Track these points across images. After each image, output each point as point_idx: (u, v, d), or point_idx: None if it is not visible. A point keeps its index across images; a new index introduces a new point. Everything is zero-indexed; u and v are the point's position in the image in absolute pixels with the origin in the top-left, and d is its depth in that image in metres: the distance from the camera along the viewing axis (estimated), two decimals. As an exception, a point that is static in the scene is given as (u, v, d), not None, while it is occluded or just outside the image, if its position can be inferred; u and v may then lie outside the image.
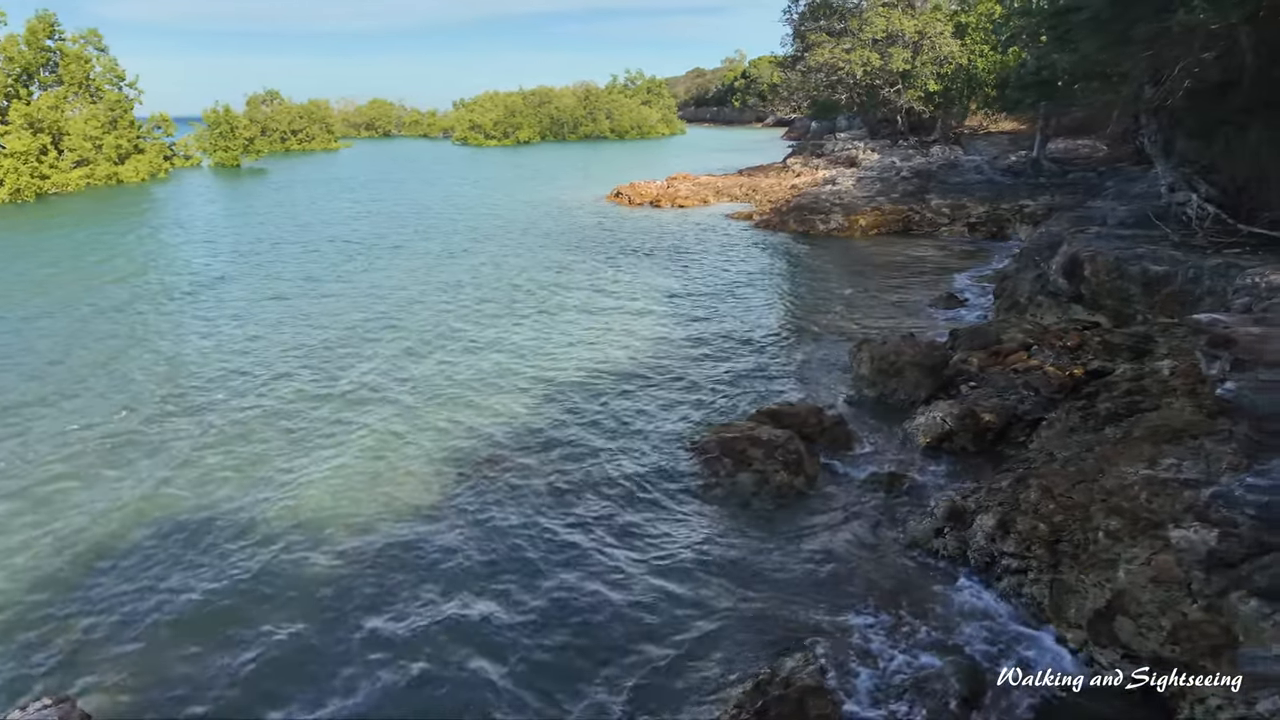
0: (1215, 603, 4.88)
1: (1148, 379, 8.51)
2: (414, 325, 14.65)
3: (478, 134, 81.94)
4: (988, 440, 9.05)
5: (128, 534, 7.57)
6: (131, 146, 41.80)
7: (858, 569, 6.85)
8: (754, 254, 21.16)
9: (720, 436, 9.12)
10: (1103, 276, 11.04)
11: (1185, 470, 6.04)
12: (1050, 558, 6.08)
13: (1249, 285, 8.29)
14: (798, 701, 4.88)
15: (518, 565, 7.01)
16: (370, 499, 8.20)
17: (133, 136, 42.13)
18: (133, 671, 5.72)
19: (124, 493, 8.36)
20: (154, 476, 8.71)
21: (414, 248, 22.69)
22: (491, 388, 11.39)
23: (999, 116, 36.07)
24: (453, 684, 5.56)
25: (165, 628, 6.21)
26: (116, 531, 7.60)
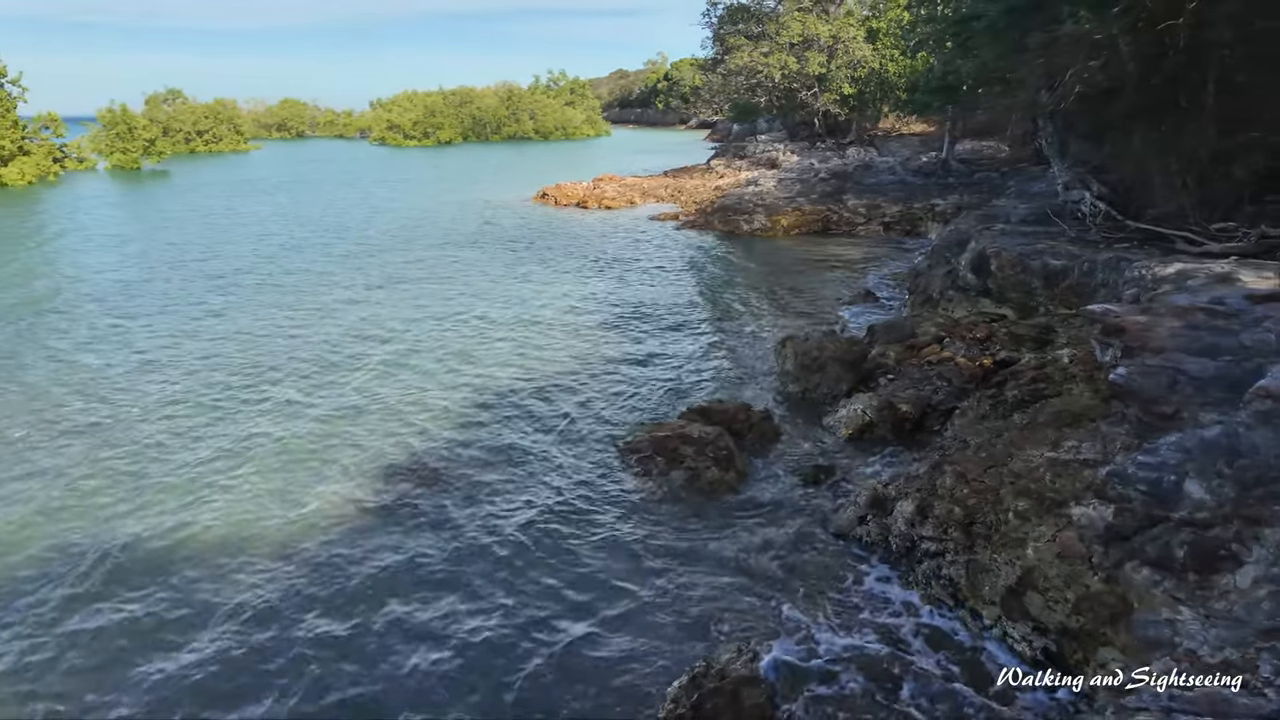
0: (1113, 574, 5.23)
1: (1050, 367, 9.05)
2: (330, 334, 14.18)
3: (396, 134, 79.90)
4: (906, 430, 9.44)
5: (13, 559, 7.06)
6: (15, 148, 38.94)
7: (788, 559, 7.03)
8: (681, 254, 21.40)
9: (652, 436, 9.20)
10: (1008, 271, 11.66)
11: (1084, 451, 6.46)
12: (965, 539, 6.40)
13: (1137, 277, 8.92)
14: (732, 693, 4.98)
15: (450, 569, 6.90)
16: (288, 516, 7.90)
17: (16, 137, 39.27)
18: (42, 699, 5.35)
19: (10, 513, 7.80)
20: (40, 498, 8.16)
21: (331, 252, 21.96)
22: (414, 396, 11.14)
23: (910, 119, 37.59)
24: (385, 683, 5.43)
25: (77, 656, 5.83)
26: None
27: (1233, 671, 3.18)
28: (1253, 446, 5.06)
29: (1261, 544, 4.45)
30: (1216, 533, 4.76)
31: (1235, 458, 5.10)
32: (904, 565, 6.77)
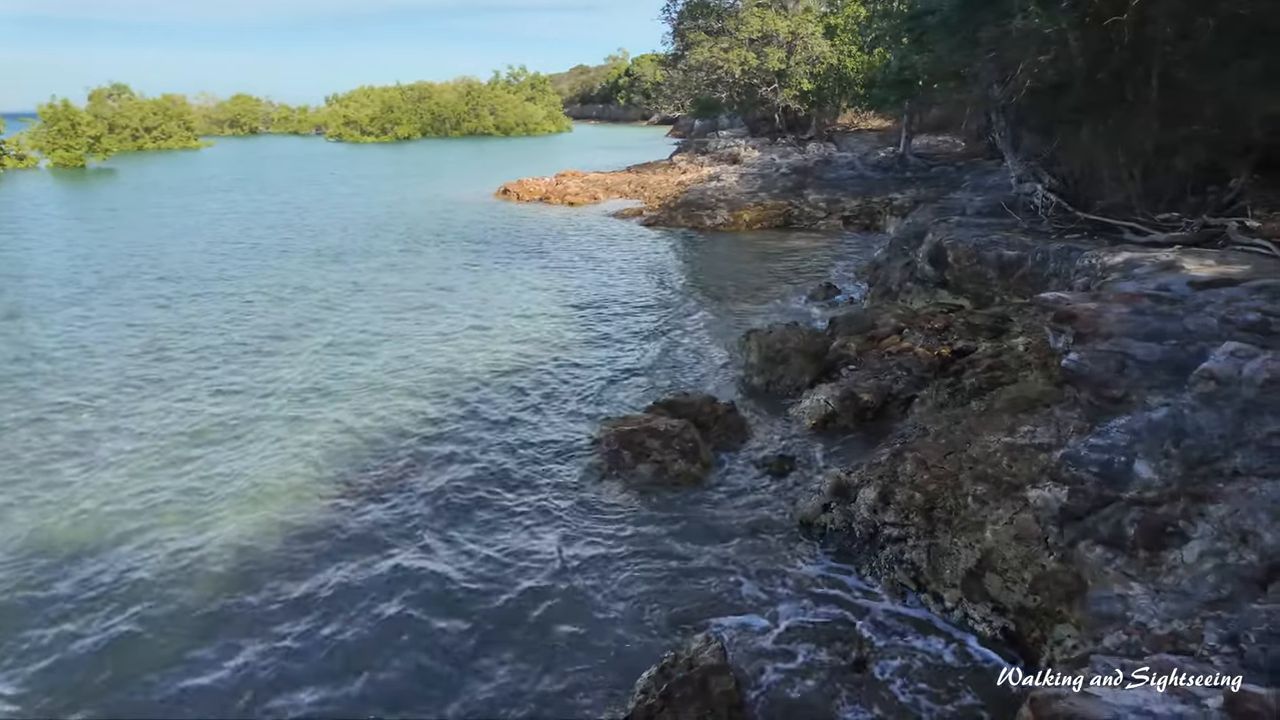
0: (1068, 553, 5.38)
1: (1005, 355, 9.28)
2: (292, 333, 13.89)
3: (353, 130, 78.40)
4: (867, 419, 9.59)
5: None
6: (-52, 145, 37.33)
7: (754, 549, 7.10)
8: (645, 250, 21.42)
9: (618, 429, 9.20)
10: (964, 263, 11.90)
11: (1039, 436, 6.63)
12: (927, 524, 6.52)
13: (1087, 266, 9.18)
14: (701, 681, 5.01)
15: (413, 564, 6.81)
16: (253, 512, 7.72)
17: (-52, 134, 37.63)
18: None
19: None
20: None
21: (288, 251, 21.48)
22: (374, 396, 10.97)
23: (868, 115, 38.12)
24: (346, 680, 5.34)
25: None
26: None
27: (1180, 642, 3.29)
28: (1197, 427, 5.25)
29: (1206, 520, 4.62)
30: (1164, 510, 4.92)
31: (1181, 438, 5.28)
32: (867, 551, 6.88)
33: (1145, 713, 2.43)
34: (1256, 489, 4.53)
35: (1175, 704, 2.45)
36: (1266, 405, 5.06)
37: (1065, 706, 2.51)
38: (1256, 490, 4.52)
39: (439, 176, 41.59)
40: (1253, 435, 4.99)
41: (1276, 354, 5.25)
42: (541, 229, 24.52)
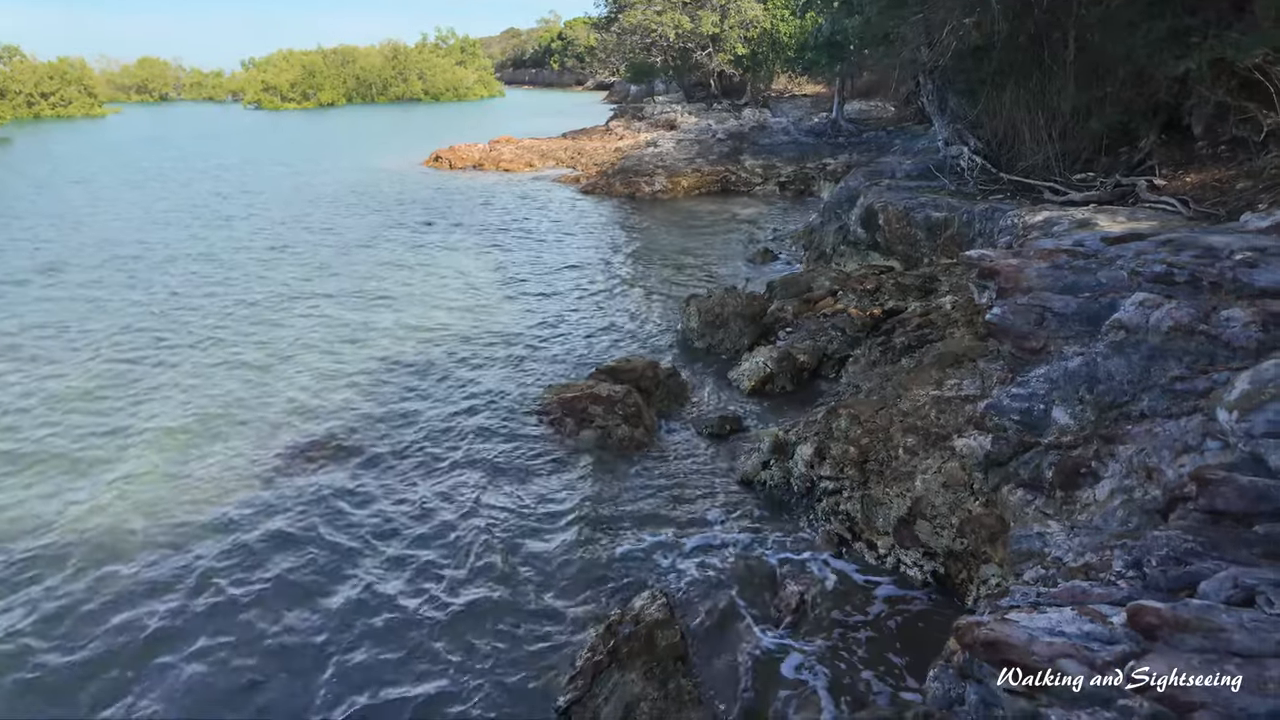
0: (991, 497, 5.68)
1: (934, 314, 9.60)
2: (215, 308, 13.30)
3: (273, 96, 74.55)
4: (804, 379, 9.84)
5: None
6: None
7: (698, 507, 7.24)
8: (583, 217, 21.21)
9: (561, 397, 9.19)
10: (894, 225, 12.20)
11: (965, 388, 6.92)
12: (860, 476, 6.77)
13: (1009, 225, 9.53)
14: (647, 636, 5.12)
15: (355, 540, 6.71)
16: (181, 502, 7.45)
17: None
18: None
19: None
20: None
21: (210, 222, 20.45)
22: (308, 372, 10.65)
23: (802, 80, 38.37)
24: (305, 658, 5.26)
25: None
26: None
27: (1092, 572, 3.52)
28: (1108, 374, 5.56)
29: (1116, 460, 4.92)
30: (1079, 453, 5.22)
31: (1094, 384, 5.59)
32: (805, 505, 7.10)
33: (1057, 632, 2.61)
34: (1160, 429, 4.84)
35: (1084, 623, 2.64)
36: (1170, 351, 5.39)
37: (985, 632, 2.67)
38: (1160, 430, 4.83)
39: (366, 144, 40.08)
40: (1158, 380, 5.31)
41: (1179, 303, 5.58)
42: (476, 197, 23.99)
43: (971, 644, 2.71)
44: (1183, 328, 5.37)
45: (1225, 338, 5.18)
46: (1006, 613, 2.86)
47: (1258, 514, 3.36)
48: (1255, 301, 5.33)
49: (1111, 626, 2.61)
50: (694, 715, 4.77)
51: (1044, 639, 2.62)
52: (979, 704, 2.85)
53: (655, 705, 4.79)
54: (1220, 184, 8.36)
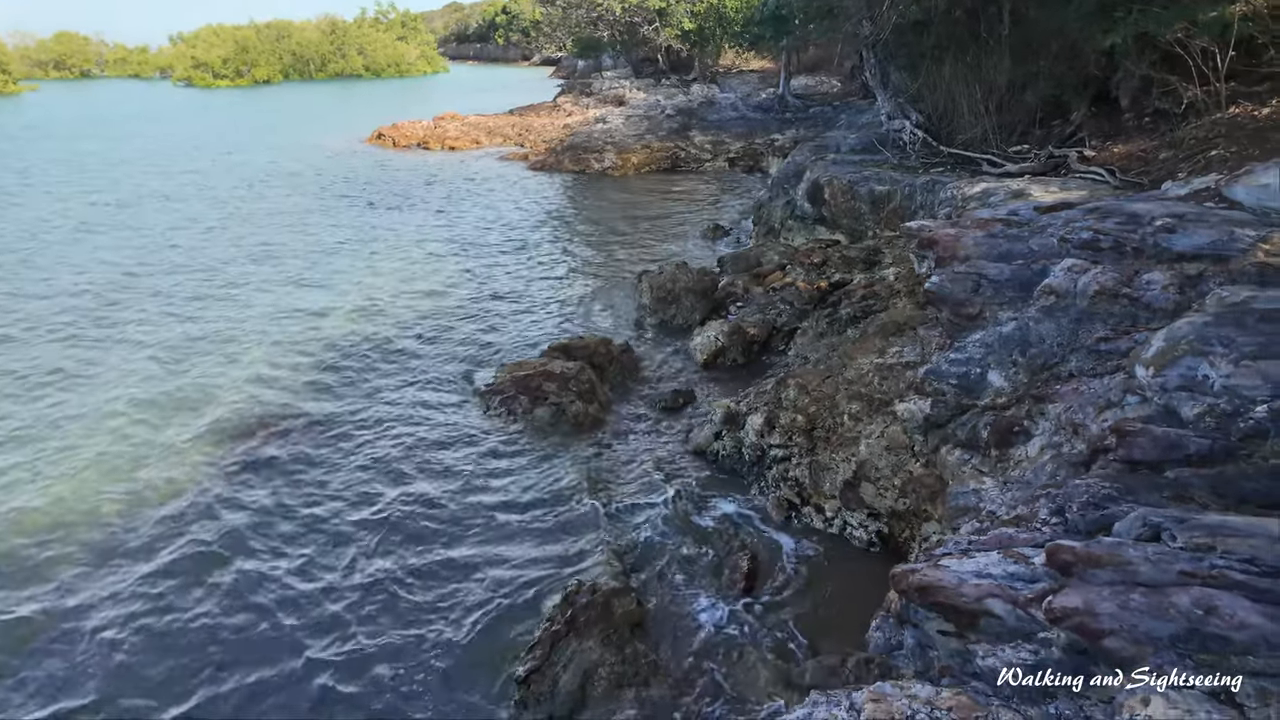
0: (931, 458, 5.91)
1: (878, 285, 9.84)
2: (152, 291, 12.83)
3: (204, 73, 71.29)
4: (754, 351, 10.02)
5: None
6: None
7: (652, 479, 7.35)
8: (533, 195, 21.00)
9: (514, 375, 9.17)
10: (839, 199, 12.41)
11: (906, 355, 7.16)
12: (808, 443, 6.96)
13: (949, 197, 9.79)
14: (604, 604, 5.23)
15: (310, 522, 6.65)
16: (124, 484, 7.25)
17: None
18: None
19: None
20: None
21: (146, 204, 19.62)
22: (257, 355, 10.40)
23: (749, 56, 38.37)
24: (260, 636, 5.23)
25: None
26: None
27: (1022, 522, 3.72)
28: (1039, 337, 5.82)
29: (1045, 418, 5.18)
30: (1012, 413, 5.48)
31: (1027, 348, 5.85)
32: (756, 472, 7.28)
33: (984, 575, 2.78)
34: (1086, 387, 5.11)
35: (1009, 565, 2.82)
36: (1096, 314, 5.67)
37: (918, 578, 2.83)
38: (1086, 388, 5.10)
39: (305, 122, 38.79)
40: (1084, 341, 5.59)
41: (1105, 268, 5.87)
42: (422, 175, 23.51)
43: (906, 589, 2.87)
44: (1107, 291, 5.65)
45: (1146, 300, 5.47)
46: (939, 560, 3.03)
47: (1169, 461, 3.60)
48: (1173, 265, 5.63)
49: (1033, 566, 2.79)
50: (652, 678, 4.90)
51: (972, 581, 2.78)
52: (915, 646, 3.02)
53: (613, 670, 4.91)
54: (1144, 154, 8.74)
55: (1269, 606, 2.35)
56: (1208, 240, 5.62)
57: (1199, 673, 2.30)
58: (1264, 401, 3.63)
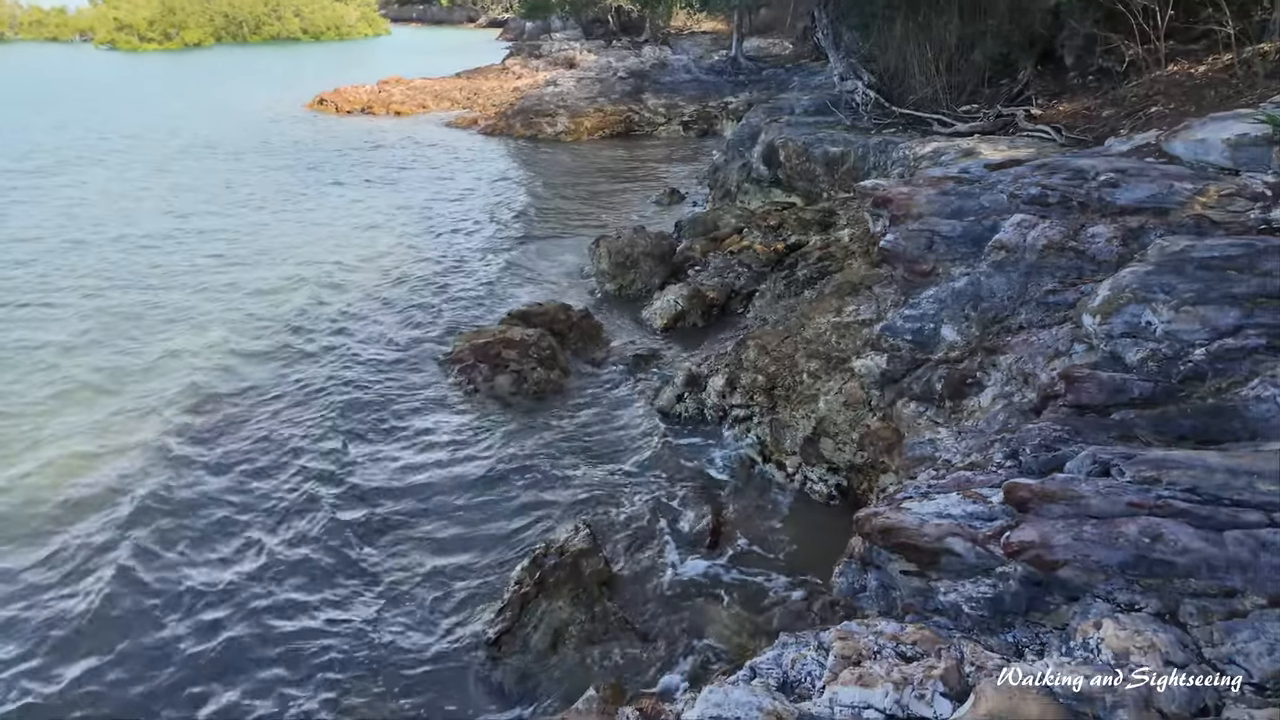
0: (888, 412, 6.06)
1: (833, 246, 9.95)
2: (88, 263, 12.25)
3: (129, 36, 67.33)
4: (714, 315, 10.08)
5: None
6: None
7: (616, 442, 7.40)
8: (484, 161, 20.57)
9: (473, 343, 9.07)
10: (794, 161, 12.46)
11: (863, 313, 7.28)
12: (769, 402, 7.07)
13: (901, 157, 9.91)
14: (573, 565, 5.27)
15: (267, 496, 6.52)
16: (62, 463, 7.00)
17: None
18: None
19: None
20: None
21: (76, 174, 18.62)
22: (206, 327, 10.06)
23: (700, 17, 37.94)
24: (228, 608, 5.15)
25: None
26: None
27: (975, 467, 3.85)
28: (990, 291, 5.97)
29: (997, 369, 5.34)
30: (965, 365, 5.63)
31: (979, 302, 6.00)
32: (718, 432, 7.37)
33: (945, 515, 2.88)
34: (1036, 338, 5.27)
35: (968, 505, 2.93)
36: (1044, 267, 5.84)
37: (881, 520, 2.92)
38: (1035, 339, 5.26)
39: (242, 86, 37.09)
40: (1034, 294, 5.75)
41: (1052, 222, 6.02)
42: (368, 142, 22.79)
43: (870, 532, 2.96)
44: (1055, 245, 5.81)
45: (1091, 252, 5.65)
46: (901, 503, 3.13)
47: (1115, 404, 3.76)
48: (1117, 219, 5.81)
49: (991, 505, 2.90)
50: (621, 634, 4.98)
51: (933, 521, 2.89)
52: (878, 588, 3.13)
53: (583, 628, 4.97)
54: (1089, 112, 8.95)
55: (1209, 532, 2.49)
56: (1148, 194, 5.81)
57: (1146, 596, 2.44)
58: (1202, 345, 3.81)
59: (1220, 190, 5.56)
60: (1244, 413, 3.27)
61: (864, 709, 2.21)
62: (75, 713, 4.62)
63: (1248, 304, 3.87)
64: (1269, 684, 2.14)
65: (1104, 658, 2.25)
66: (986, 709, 2.05)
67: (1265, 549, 2.40)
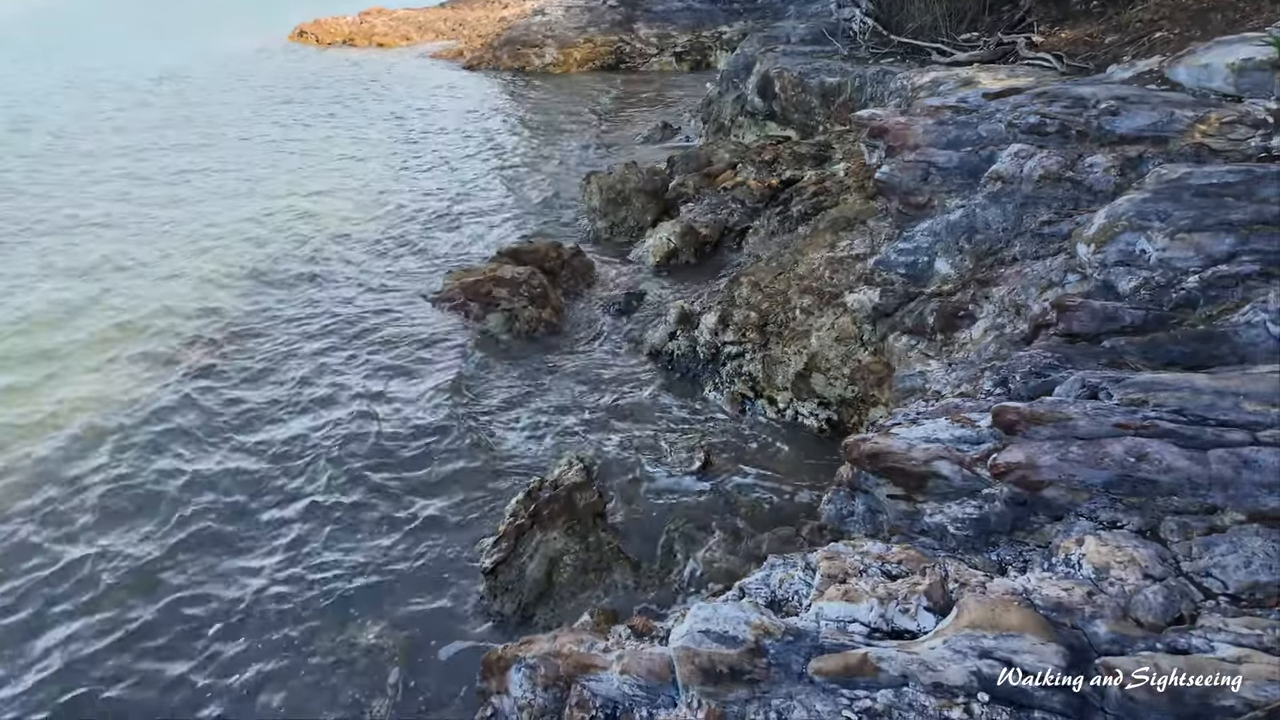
0: (879, 346, 6.07)
1: (828, 181, 9.79)
2: (74, 202, 12.00)
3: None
4: (706, 252, 9.97)
5: None
6: None
7: (608, 380, 7.41)
8: (471, 94, 20.02)
9: (462, 281, 8.99)
10: (790, 92, 12.15)
11: (856, 248, 7.21)
12: (761, 339, 7.06)
13: (899, 87, 9.66)
14: (567, 498, 5.33)
15: (262, 436, 6.55)
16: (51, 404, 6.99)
17: None
18: None
19: None
20: None
21: (54, 120, 18.08)
22: (185, 266, 9.92)
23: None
24: (229, 546, 5.24)
25: None
26: None
27: (965, 396, 3.87)
28: (985, 223, 5.91)
29: (990, 301, 5.33)
30: (957, 298, 5.62)
31: (973, 234, 5.95)
32: (711, 370, 7.38)
33: (933, 439, 2.91)
34: (1029, 269, 5.25)
35: (956, 429, 2.96)
36: (1040, 198, 5.76)
37: (870, 445, 2.94)
38: (1029, 270, 5.24)
39: (219, 19, 35.74)
40: (1028, 225, 5.70)
41: (1050, 152, 5.92)
42: (350, 75, 22.11)
43: (858, 457, 2.99)
44: (1052, 175, 5.73)
45: (1088, 183, 5.57)
46: (890, 429, 3.15)
47: (1106, 332, 3.76)
48: (1115, 148, 5.71)
49: (979, 429, 2.92)
50: (615, 563, 5.08)
51: (921, 445, 2.91)
52: (865, 512, 3.18)
53: (578, 558, 5.07)
54: (1091, 39, 8.70)
55: (1193, 451, 2.52)
56: (1148, 122, 5.70)
57: (1128, 514, 2.49)
58: (1195, 272, 3.79)
59: (1221, 117, 5.45)
60: (1234, 338, 3.27)
61: (849, 622, 2.26)
62: (105, 579, 4.74)
63: (1243, 230, 3.84)
64: (1244, 595, 2.20)
65: (1085, 572, 2.30)
66: (969, 620, 2.10)
67: (1248, 466, 2.44)
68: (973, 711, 2.01)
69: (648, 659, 2.44)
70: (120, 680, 4.50)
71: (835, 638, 2.28)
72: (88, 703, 4.37)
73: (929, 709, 2.03)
